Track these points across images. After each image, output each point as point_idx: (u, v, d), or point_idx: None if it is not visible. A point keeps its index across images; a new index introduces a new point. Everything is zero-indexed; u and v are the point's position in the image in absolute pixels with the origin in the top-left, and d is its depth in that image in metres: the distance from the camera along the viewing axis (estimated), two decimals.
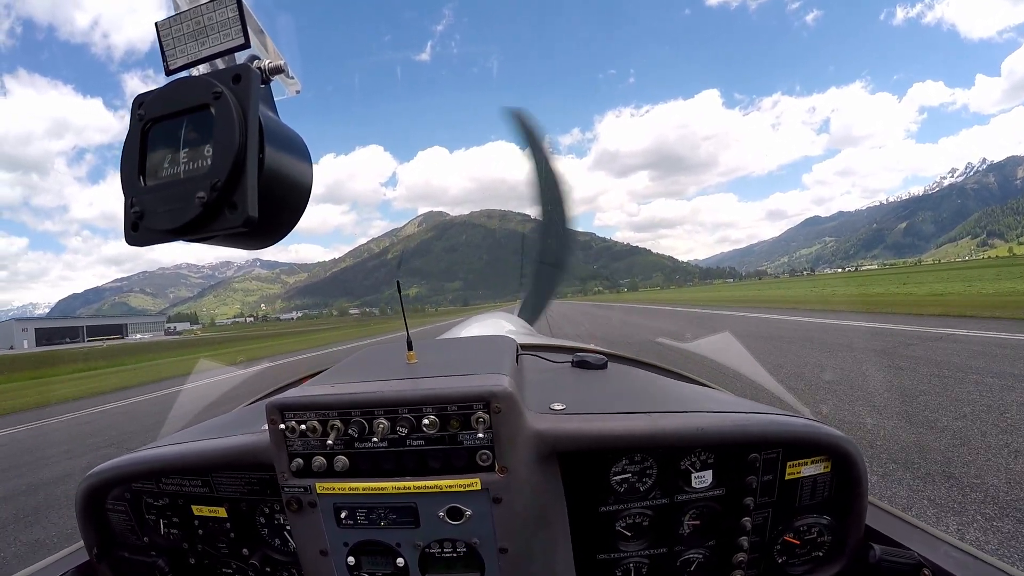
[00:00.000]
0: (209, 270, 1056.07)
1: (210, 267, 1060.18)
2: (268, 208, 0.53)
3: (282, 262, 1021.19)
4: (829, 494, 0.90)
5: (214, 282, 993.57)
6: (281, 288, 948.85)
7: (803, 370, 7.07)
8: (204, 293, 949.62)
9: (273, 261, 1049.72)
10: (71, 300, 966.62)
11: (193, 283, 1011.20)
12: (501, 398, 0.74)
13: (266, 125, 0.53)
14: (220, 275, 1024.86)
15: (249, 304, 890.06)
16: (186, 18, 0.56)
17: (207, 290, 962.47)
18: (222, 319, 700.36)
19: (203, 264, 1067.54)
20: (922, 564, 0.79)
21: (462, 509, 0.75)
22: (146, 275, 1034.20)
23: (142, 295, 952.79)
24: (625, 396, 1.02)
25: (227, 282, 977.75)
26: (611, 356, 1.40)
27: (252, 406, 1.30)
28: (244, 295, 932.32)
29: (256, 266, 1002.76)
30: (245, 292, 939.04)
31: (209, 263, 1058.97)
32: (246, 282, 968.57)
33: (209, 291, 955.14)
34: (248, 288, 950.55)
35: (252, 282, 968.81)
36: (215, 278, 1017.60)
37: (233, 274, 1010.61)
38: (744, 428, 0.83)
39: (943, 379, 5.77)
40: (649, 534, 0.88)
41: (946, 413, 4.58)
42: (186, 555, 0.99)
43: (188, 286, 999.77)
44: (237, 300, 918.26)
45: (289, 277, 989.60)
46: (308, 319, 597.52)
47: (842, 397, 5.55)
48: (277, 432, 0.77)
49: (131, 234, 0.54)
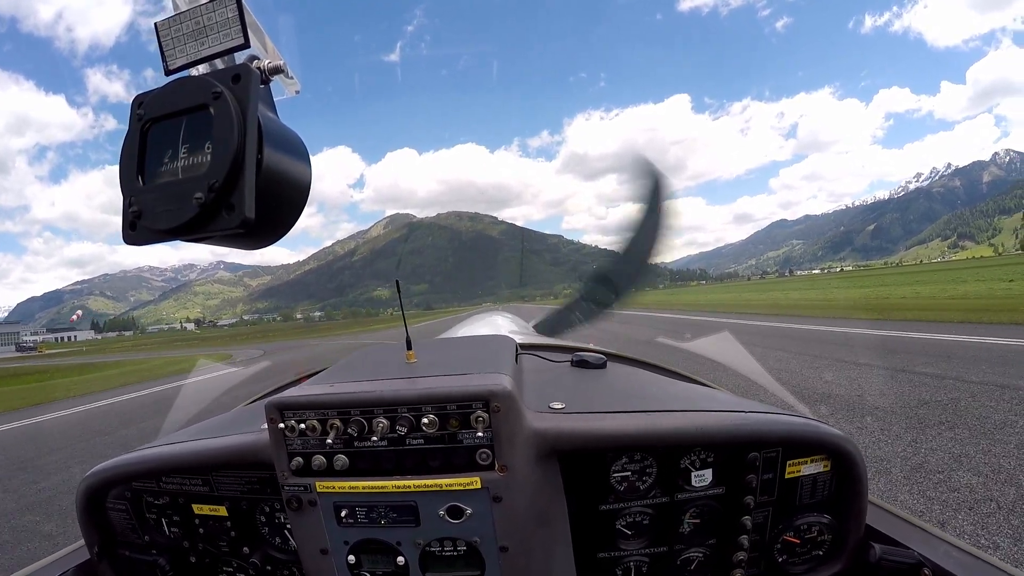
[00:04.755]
0: (172, 273, 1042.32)
1: (172, 270, 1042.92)
2: (266, 208, 0.53)
3: (246, 265, 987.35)
4: (829, 493, 0.90)
5: (176, 285, 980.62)
6: (244, 291, 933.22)
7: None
8: (166, 296, 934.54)
9: (237, 264, 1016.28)
10: (30, 303, 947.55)
11: (155, 286, 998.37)
12: (500, 397, 0.73)
13: (265, 125, 0.54)
14: (183, 278, 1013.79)
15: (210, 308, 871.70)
16: (186, 18, 0.56)
17: (168, 293, 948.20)
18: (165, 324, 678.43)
19: (165, 267, 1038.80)
20: (922, 563, 0.79)
21: (462, 508, 0.75)
22: (107, 278, 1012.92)
23: (102, 298, 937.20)
24: (624, 395, 1.03)
25: (189, 285, 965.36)
26: (610, 355, 1.40)
27: (251, 405, 1.31)
28: (205, 298, 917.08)
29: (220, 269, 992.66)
30: (206, 295, 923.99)
31: (172, 266, 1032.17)
32: (208, 285, 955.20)
33: (171, 294, 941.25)
34: (210, 292, 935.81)
35: (215, 285, 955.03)
36: (177, 281, 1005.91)
37: (196, 277, 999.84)
38: (743, 427, 0.83)
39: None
40: (649, 533, 0.89)
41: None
42: (187, 554, 1.00)
43: (149, 289, 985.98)
44: (198, 304, 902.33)
45: (252, 280, 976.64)
46: (247, 325, 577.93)
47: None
48: (276, 431, 0.77)
49: (129, 233, 0.54)
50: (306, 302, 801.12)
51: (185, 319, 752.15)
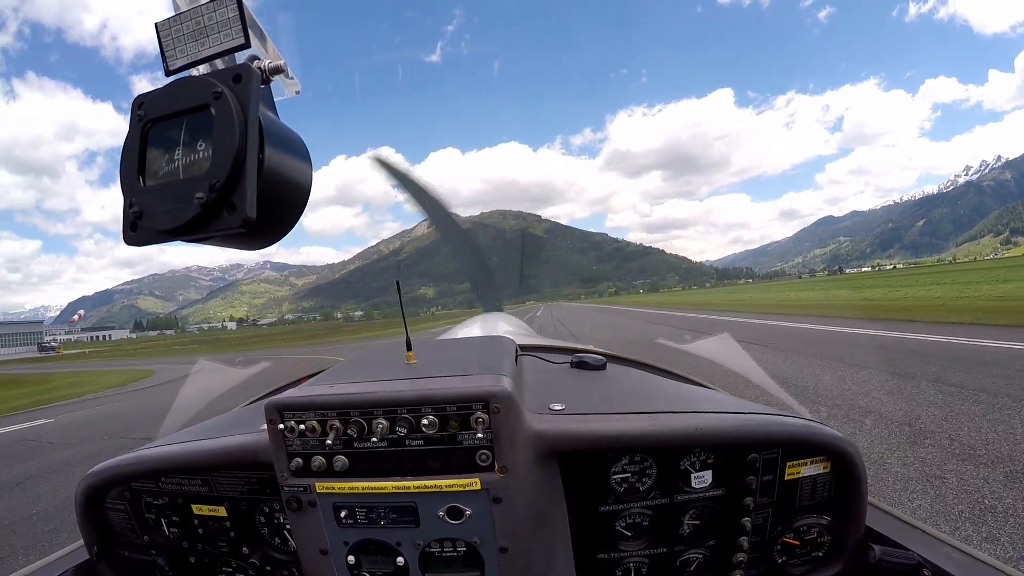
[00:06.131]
0: (219, 272, 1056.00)
1: (220, 269, 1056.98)
2: (267, 209, 0.52)
3: (292, 264, 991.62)
4: (829, 494, 0.90)
5: (223, 284, 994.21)
6: (289, 291, 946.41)
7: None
8: (213, 295, 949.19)
9: (283, 263, 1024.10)
10: (81, 302, 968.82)
11: (202, 285, 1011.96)
12: (500, 398, 0.74)
13: (266, 125, 0.53)
14: (230, 277, 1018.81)
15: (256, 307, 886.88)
16: (186, 18, 0.55)
17: (216, 292, 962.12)
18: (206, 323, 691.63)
19: (213, 266, 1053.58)
20: (922, 565, 0.80)
21: (462, 509, 0.75)
22: (156, 277, 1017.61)
23: (151, 297, 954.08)
24: (624, 396, 1.02)
25: (236, 284, 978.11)
26: (610, 357, 1.40)
27: (251, 406, 1.30)
28: (252, 297, 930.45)
29: (266, 268, 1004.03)
30: (253, 295, 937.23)
31: (219, 265, 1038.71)
32: (254, 284, 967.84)
33: (218, 293, 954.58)
34: (256, 291, 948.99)
35: (261, 284, 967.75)
36: (224, 280, 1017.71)
37: (242, 276, 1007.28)
38: (743, 428, 0.84)
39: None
40: (649, 534, 0.89)
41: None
42: (186, 554, 0.99)
43: (197, 288, 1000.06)
44: (245, 303, 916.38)
45: (298, 279, 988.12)
46: (290, 324, 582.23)
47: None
48: (276, 432, 0.77)
49: (130, 234, 0.54)
50: (350, 301, 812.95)
51: (228, 318, 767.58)
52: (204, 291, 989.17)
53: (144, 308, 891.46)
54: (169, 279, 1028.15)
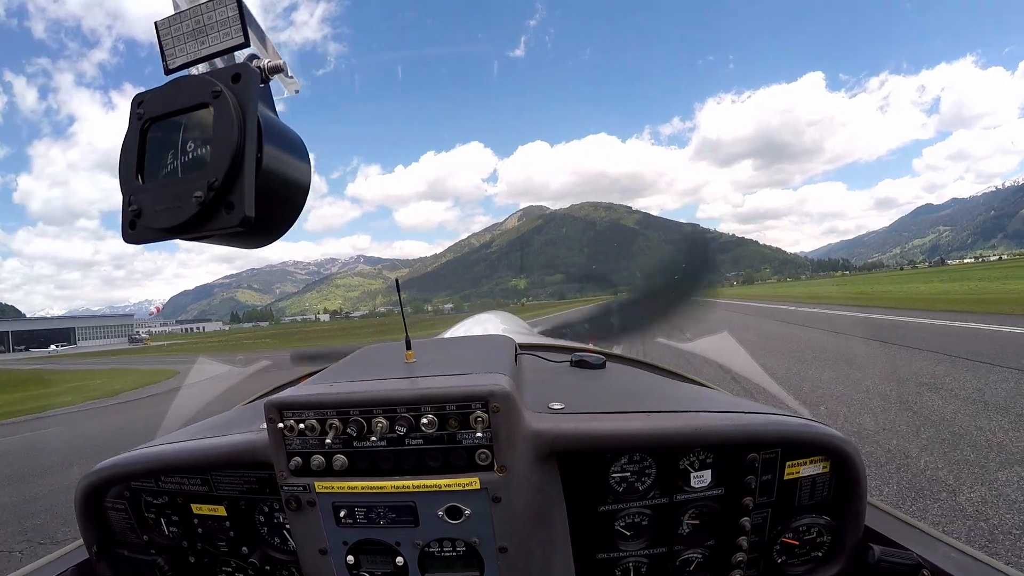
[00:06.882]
0: (314, 267, 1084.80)
1: (315, 264, 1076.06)
2: (266, 207, 0.52)
3: (385, 259, 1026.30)
4: (828, 494, 0.89)
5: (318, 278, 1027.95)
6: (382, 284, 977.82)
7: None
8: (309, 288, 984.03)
9: (376, 257, 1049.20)
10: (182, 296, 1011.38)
11: (299, 279, 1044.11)
12: (500, 397, 0.73)
13: (265, 124, 0.53)
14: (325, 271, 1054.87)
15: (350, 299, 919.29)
16: (186, 17, 0.55)
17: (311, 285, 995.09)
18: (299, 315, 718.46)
19: (309, 261, 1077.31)
20: (921, 565, 0.79)
21: (461, 508, 0.75)
22: (254, 272, 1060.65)
23: (250, 291, 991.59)
24: (623, 396, 1.02)
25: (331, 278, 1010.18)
26: (610, 356, 1.39)
27: (251, 405, 1.29)
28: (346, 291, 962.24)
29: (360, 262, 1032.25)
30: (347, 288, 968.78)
31: (315, 260, 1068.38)
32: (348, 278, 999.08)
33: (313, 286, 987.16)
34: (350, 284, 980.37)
35: (355, 278, 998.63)
36: (319, 274, 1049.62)
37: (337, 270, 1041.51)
38: (742, 428, 0.83)
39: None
40: (648, 534, 0.88)
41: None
42: (186, 553, 0.99)
43: (294, 282, 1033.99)
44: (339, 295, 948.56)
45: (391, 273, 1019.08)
46: (377, 317, 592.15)
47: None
48: (276, 431, 0.77)
49: (128, 232, 0.53)
50: (443, 294, 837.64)
51: (323, 310, 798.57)
52: (300, 284, 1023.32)
53: (243, 301, 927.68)
54: (267, 273, 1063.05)
